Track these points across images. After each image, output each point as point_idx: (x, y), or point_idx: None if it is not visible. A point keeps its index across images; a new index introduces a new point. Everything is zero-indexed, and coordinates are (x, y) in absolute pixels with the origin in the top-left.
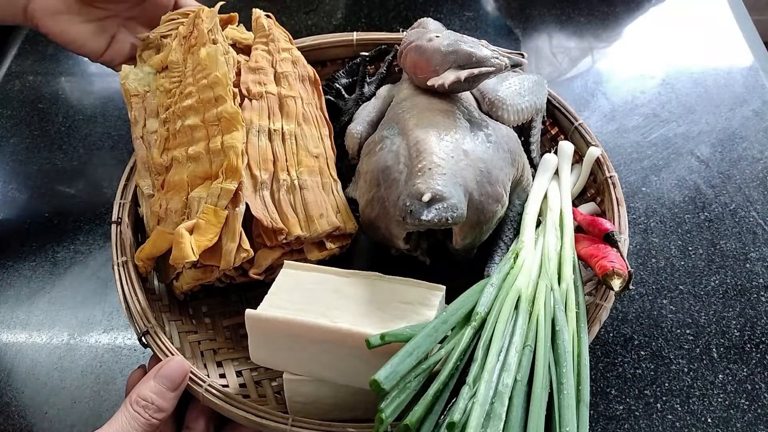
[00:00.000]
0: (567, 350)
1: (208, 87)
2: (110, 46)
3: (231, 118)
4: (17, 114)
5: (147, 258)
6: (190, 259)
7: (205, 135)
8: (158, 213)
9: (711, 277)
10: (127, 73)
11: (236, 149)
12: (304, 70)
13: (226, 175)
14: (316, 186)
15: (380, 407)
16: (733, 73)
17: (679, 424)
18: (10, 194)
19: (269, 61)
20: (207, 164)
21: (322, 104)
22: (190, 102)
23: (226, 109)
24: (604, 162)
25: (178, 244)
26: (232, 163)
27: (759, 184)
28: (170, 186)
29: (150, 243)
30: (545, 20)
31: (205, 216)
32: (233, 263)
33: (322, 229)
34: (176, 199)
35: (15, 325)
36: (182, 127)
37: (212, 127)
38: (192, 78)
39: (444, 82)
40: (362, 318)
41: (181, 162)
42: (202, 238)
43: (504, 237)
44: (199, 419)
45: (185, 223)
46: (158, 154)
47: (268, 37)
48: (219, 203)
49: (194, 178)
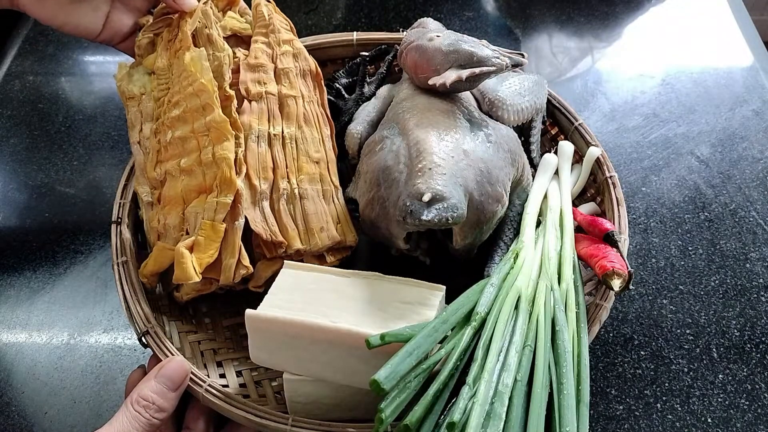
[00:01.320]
0: (567, 350)
1: (194, 95)
2: (106, 25)
3: (220, 127)
4: (17, 114)
5: (151, 274)
6: (193, 280)
7: (196, 146)
8: (157, 228)
9: (711, 277)
10: (123, 73)
11: (228, 161)
12: (305, 63)
13: (221, 189)
14: (317, 195)
15: (380, 407)
16: (733, 73)
17: (679, 424)
18: (10, 194)
19: (269, 55)
20: (200, 177)
21: (324, 100)
22: (178, 112)
23: (214, 118)
24: (604, 162)
25: (180, 264)
26: (225, 176)
27: (759, 184)
28: (166, 201)
29: (152, 259)
30: (545, 20)
31: (204, 232)
32: (233, 279)
33: (322, 244)
34: (173, 214)
35: (15, 325)
36: (173, 138)
37: (202, 137)
38: (179, 86)
39: (445, 81)
40: (362, 318)
41: (174, 176)
42: (203, 255)
43: (504, 237)
44: (199, 419)
45: (184, 240)
46: (152, 168)
47: (268, 27)
48: (216, 218)
49: (189, 192)
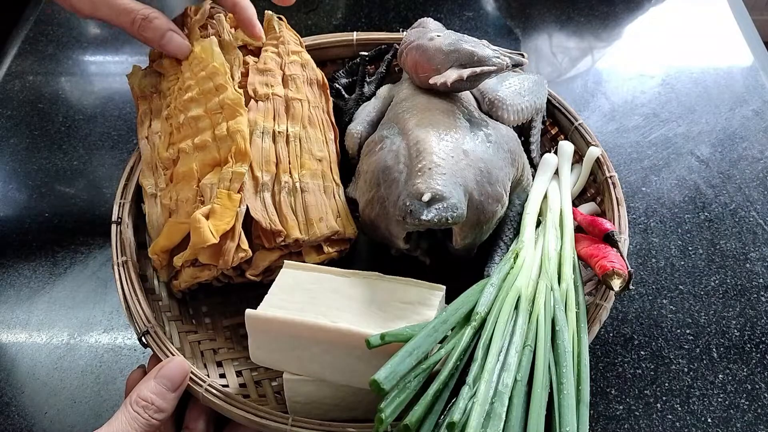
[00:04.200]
0: (567, 350)
1: (207, 78)
2: None
3: (234, 104)
4: (17, 114)
5: (161, 251)
6: (210, 242)
7: (209, 124)
8: (169, 206)
9: (711, 277)
10: (135, 74)
11: (243, 132)
12: (312, 73)
13: (235, 159)
14: (318, 189)
15: (380, 407)
16: (733, 73)
17: (679, 424)
18: (10, 194)
19: (278, 63)
20: (215, 151)
21: (329, 108)
22: (191, 95)
23: (227, 95)
24: (604, 162)
25: (197, 230)
26: (240, 147)
27: (759, 184)
28: (179, 177)
29: (163, 235)
30: (545, 20)
31: (220, 200)
32: (231, 263)
33: (321, 233)
34: (186, 188)
35: (15, 325)
36: (186, 119)
37: (216, 115)
38: (190, 72)
39: (446, 81)
40: (362, 318)
41: (188, 153)
42: (219, 222)
43: (504, 237)
44: (199, 419)
45: (200, 209)
46: (164, 149)
47: (278, 39)
48: (232, 186)
49: (203, 166)
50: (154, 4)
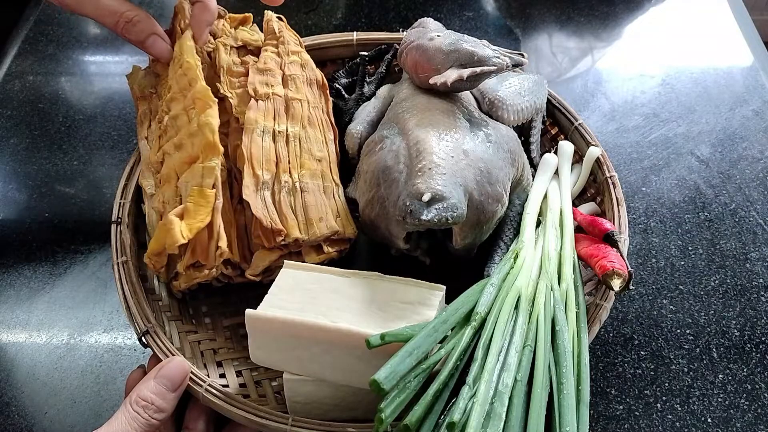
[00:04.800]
0: (567, 350)
1: (183, 75)
2: None
3: (202, 96)
4: (17, 114)
5: (153, 254)
6: (179, 242)
7: (186, 121)
8: (158, 209)
9: (711, 277)
10: (135, 74)
11: (211, 125)
12: (312, 73)
13: (205, 154)
14: (318, 189)
15: (380, 407)
16: (733, 73)
17: (679, 424)
18: (10, 194)
19: (278, 63)
20: (190, 148)
21: (329, 108)
22: (171, 94)
23: (196, 89)
24: (604, 162)
25: (168, 231)
26: (208, 140)
27: (759, 184)
28: (164, 179)
29: (154, 239)
30: (545, 20)
31: (192, 198)
32: (215, 261)
33: (320, 233)
34: (169, 190)
35: (15, 325)
36: (169, 120)
37: (191, 111)
38: (172, 72)
39: (446, 81)
40: (362, 318)
41: (170, 154)
42: (193, 221)
43: (504, 237)
44: (198, 419)
45: (174, 209)
46: (154, 153)
47: (278, 39)
48: (204, 183)
49: (181, 164)
50: (154, 5)
